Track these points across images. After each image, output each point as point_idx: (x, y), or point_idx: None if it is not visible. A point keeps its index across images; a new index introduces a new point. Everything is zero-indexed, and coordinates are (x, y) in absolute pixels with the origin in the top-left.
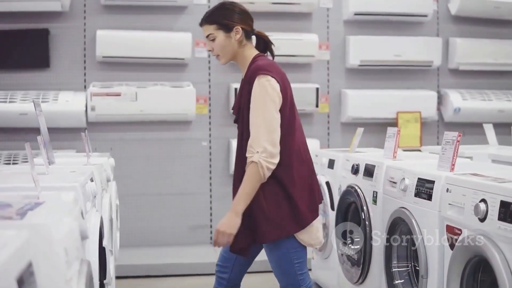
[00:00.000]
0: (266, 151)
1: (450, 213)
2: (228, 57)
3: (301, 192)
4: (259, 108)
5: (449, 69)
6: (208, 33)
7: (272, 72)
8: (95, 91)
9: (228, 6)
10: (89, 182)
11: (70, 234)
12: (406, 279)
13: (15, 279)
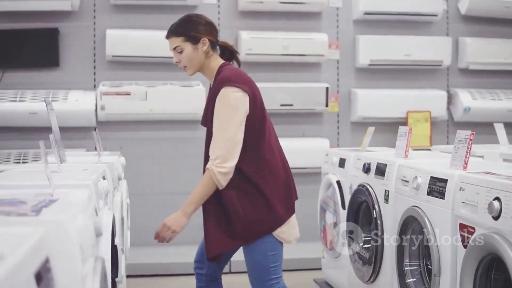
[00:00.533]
0: (219, 157)
1: (463, 211)
2: (196, 69)
3: (276, 192)
4: (220, 120)
5: (459, 69)
6: (175, 45)
7: (238, 83)
8: (105, 90)
9: (195, 18)
10: (101, 180)
11: (85, 231)
12: (418, 277)
13: (33, 274)
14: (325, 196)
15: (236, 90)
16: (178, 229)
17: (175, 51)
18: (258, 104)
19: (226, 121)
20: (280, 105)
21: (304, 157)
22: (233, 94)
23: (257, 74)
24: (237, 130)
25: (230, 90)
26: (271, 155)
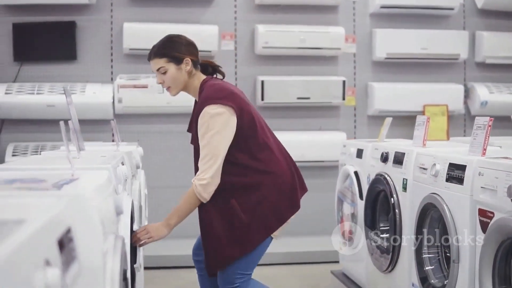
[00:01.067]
0: (201, 172)
1: (482, 196)
2: (179, 88)
3: (281, 196)
4: (202, 138)
5: (476, 63)
6: (158, 66)
7: (220, 98)
8: (122, 83)
9: (176, 39)
10: (120, 165)
11: (105, 207)
12: (436, 265)
13: (56, 240)
14: (342, 187)
15: (216, 107)
16: (156, 237)
17: (158, 72)
18: (245, 112)
19: (209, 138)
20: (297, 98)
21: (321, 151)
22: (214, 111)
23: (274, 67)
24: (218, 144)
25: (210, 109)
26: (271, 158)
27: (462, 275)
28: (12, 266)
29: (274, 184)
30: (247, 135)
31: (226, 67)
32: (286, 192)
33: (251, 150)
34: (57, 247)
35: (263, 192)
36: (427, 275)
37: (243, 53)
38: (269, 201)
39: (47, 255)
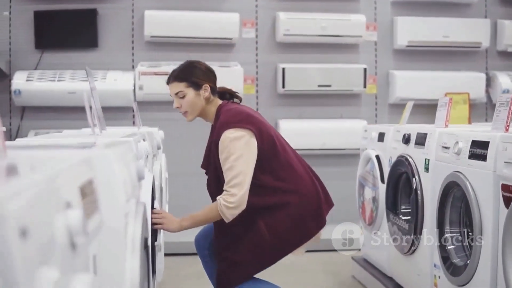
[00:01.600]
0: (228, 195)
1: (505, 171)
2: (196, 114)
3: (306, 214)
4: (225, 162)
5: (498, 51)
6: (177, 90)
7: (238, 122)
8: (143, 70)
9: (196, 65)
10: (142, 141)
11: (127, 171)
12: (459, 244)
13: (78, 187)
14: (364, 172)
15: (235, 131)
16: (165, 227)
17: (176, 96)
18: (264, 133)
19: (232, 162)
20: (318, 86)
21: (342, 138)
22: (233, 135)
23: (295, 55)
24: (242, 167)
25: (229, 133)
26: (295, 177)
27: (485, 252)
28: (34, 208)
29: (300, 203)
30: (269, 156)
31: (247, 55)
32: (312, 210)
33: (274, 170)
34: (79, 193)
35: (289, 212)
36: (449, 255)
37: (264, 40)
38: (295, 220)
39: (69, 198)
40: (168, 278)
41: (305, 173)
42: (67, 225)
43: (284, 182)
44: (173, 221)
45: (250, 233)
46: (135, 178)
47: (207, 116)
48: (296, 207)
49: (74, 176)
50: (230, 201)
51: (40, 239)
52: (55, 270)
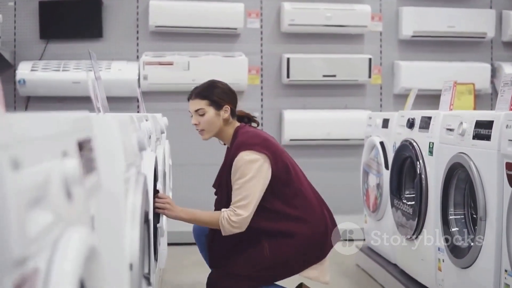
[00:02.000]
0: (233, 214)
1: (510, 149)
2: (212, 133)
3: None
4: (237, 182)
5: (503, 42)
6: (198, 107)
7: (255, 145)
8: (147, 60)
9: (219, 85)
10: (144, 121)
11: (128, 139)
12: (462, 226)
13: (76, 140)
14: (368, 159)
15: (250, 153)
16: (166, 212)
17: (196, 113)
18: (279, 159)
19: (242, 183)
20: (322, 76)
21: (347, 129)
22: (248, 157)
23: (299, 45)
24: (251, 191)
25: (245, 155)
26: (306, 205)
27: (489, 232)
28: (29, 144)
29: (308, 234)
30: (282, 182)
31: (251, 45)
32: (317, 243)
33: (286, 197)
34: (77, 147)
35: (295, 242)
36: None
37: (268, 30)
38: (299, 251)
39: (66, 148)
40: (171, 266)
41: (316, 203)
42: (62, 174)
43: (295, 209)
44: (175, 209)
45: (252, 249)
46: (136, 148)
47: (223, 137)
48: (303, 238)
49: (72, 130)
50: (233, 220)
51: (33, 176)
52: (49, 214)
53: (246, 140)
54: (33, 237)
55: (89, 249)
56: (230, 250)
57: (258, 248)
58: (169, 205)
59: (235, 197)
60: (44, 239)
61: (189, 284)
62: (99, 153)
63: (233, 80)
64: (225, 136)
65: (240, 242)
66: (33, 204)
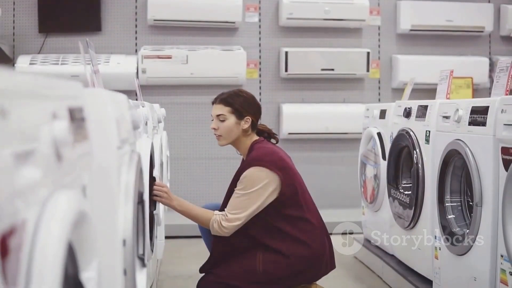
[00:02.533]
0: (224, 220)
1: (505, 133)
2: (229, 141)
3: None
4: (237, 193)
5: (501, 36)
6: (220, 112)
7: (268, 162)
8: (146, 53)
9: (245, 96)
10: (140, 107)
11: (121, 114)
12: (459, 213)
13: (66, 106)
14: (365, 150)
15: (262, 170)
16: (163, 200)
17: (217, 118)
18: (289, 180)
19: (242, 194)
20: (320, 70)
21: (345, 123)
22: (258, 173)
23: (298, 39)
24: (248, 204)
25: (256, 170)
26: (311, 230)
27: (485, 218)
28: (17, 95)
29: (305, 258)
30: (289, 203)
31: (250, 39)
32: (313, 267)
33: (291, 218)
34: (68, 113)
35: (291, 262)
36: (449, 224)
37: (267, 24)
38: (292, 271)
39: (56, 110)
40: (169, 258)
41: (319, 229)
42: (52, 135)
43: (298, 231)
44: (171, 198)
45: (246, 259)
46: (130, 126)
47: (239, 147)
48: (299, 261)
49: (64, 95)
50: (223, 225)
51: (21, 128)
52: (37, 171)
53: (260, 156)
54: (20, 189)
55: (79, 213)
56: (227, 254)
57: (252, 261)
58: (166, 194)
59: (232, 204)
60: (32, 195)
61: (187, 276)
62: (91, 125)
63: (231, 74)
64: (241, 147)
65: (237, 249)
66: (21, 157)
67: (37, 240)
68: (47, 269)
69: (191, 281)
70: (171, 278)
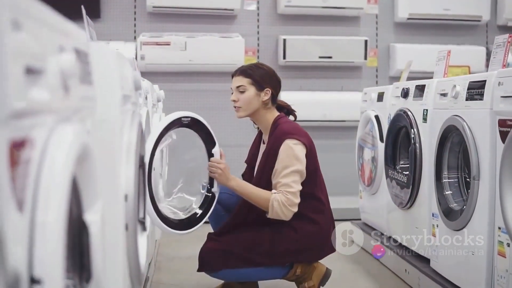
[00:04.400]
0: (286, 195)
1: (502, 105)
2: (248, 113)
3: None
4: (288, 163)
5: (498, 26)
6: (240, 84)
7: (299, 135)
8: (145, 40)
9: (266, 68)
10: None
11: (124, 72)
12: (456, 190)
13: (73, 47)
14: (363, 134)
15: (297, 142)
16: (217, 177)
17: (237, 89)
18: (312, 155)
19: (291, 168)
20: (318, 57)
21: (343, 110)
22: (296, 146)
23: (296, 27)
24: (299, 177)
25: (292, 143)
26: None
27: (482, 191)
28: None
29: (314, 237)
30: (307, 180)
31: (248, 26)
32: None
33: (305, 196)
34: (74, 53)
35: (299, 238)
36: (446, 200)
37: (265, 12)
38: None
39: (63, 44)
40: (167, 241)
41: (328, 209)
42: (59, 64)
43: (310, 209)
44: (226, 177)
45: (254, 230)
46: (132, 85)
47: (259, 121)
48: (307, 238)
49: (71, 35)
50: (287, 205)
51: (31, 44)
52: (45, 93)
53: (291, 130)
54: (31, 106)
55: (84, 145)
56: (237, 226)
57: (260, 232)
58: (221, 171)
59: (285, 183)
60: (41, 117)
61: (185, 257)
62: (95, 75)
63: (229, 61)
64: (261, 120)
65: (247, 223)
66: (31, 74)
67: (45, 160)
68: (54, 186)
69: (190, 262)
70: (169, 260)
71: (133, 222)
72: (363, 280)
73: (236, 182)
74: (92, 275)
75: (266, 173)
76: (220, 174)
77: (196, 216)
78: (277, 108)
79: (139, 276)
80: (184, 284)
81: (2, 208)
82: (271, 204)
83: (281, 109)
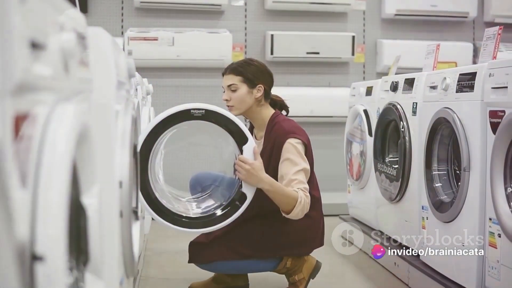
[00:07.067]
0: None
1: (493, 96)
2: (242, 111)
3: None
4: (296, 161)
5: (485, 22)
6: (231, 82)
7: (299, 134)
8: (132, 35)
9: (256, 64)
10: None
11: (118, 58)
12: (445, 182)
13: (73, 28)
14: (351, 128)
15: (299, 141)
16: (243, 178)
17: (228, 88)
18: (310, 153)
19: (297, 167)
20: (306, 53)
21: (330, 106)
22: (298, 145)
23: (283, 22)
24: (304, 175)
25: (295, 142)
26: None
27: (473, 183)
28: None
29: (306, 231)
30: None
31: (235, 22)
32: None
33: None
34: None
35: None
36: (436, 192)
37: (253, 8)
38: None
39: (64, 23)
40: (155, 236)
41: (320, 206)
42: (60, 43)
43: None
44: (257, 177)
45: (244, 224)
46: (126, 72)
47: (253, 118)
48: (299, 232)
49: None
50: (308, 202)
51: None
52: (48, 69)
53: (292, 129)
54: (34, 79)
55: (85, 125)
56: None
57: (252, 227)
58: (245, 172)
59: (299, 179)
60: (43, 93)
61: (173, 252)
62: (92, 58)
63: (217, 57)
64: (256, 117)
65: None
66: (35, 48)
67: (47, 137)
68: (57, 163)
69: (178, 256)
70: (157, 254)
71: (128, 210)
72: (352, 273)
73: (270, 183)
74: (89, 258)
75: (269, 173)
76: (246, 176)
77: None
78: (271, 104)
79: (133, 266)
80: (173, 278)
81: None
82: (299, 202)
83: (274, 104)
